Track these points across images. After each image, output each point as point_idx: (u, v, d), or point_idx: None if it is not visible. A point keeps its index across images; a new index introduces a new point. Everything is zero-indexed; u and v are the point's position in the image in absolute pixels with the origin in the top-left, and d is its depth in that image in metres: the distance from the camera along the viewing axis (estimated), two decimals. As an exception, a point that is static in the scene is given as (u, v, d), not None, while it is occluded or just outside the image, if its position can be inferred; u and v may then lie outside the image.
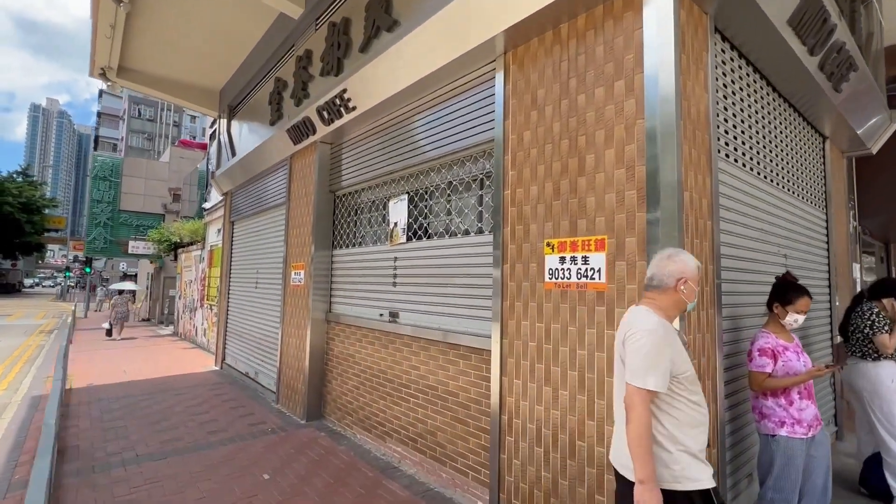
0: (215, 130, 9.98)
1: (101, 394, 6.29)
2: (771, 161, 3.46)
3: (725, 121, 2.82)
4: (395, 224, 4.23)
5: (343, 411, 4.77)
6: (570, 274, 2.62)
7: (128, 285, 14.94)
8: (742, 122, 3.03)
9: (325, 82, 4.77)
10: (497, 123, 3.15)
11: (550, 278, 2.72)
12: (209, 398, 6.07)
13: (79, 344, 11.68)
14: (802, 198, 4.05)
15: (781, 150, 3.65)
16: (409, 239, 4.08)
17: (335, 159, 5.25)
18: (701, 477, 1.61)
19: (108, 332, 13.01)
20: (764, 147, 3.34)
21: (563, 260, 2.66)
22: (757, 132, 3.24)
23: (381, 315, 4.34)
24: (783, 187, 3.66)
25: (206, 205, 12.09)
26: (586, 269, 2.54)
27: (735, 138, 2.93)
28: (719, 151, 2.72)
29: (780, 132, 3.64)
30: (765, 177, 3.34)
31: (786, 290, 2.52)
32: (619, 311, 2.37)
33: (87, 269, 21.86)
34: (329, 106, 4.67)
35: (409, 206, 4.11)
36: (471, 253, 3.44)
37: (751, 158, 3.13)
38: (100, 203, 17.49)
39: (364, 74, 4.08)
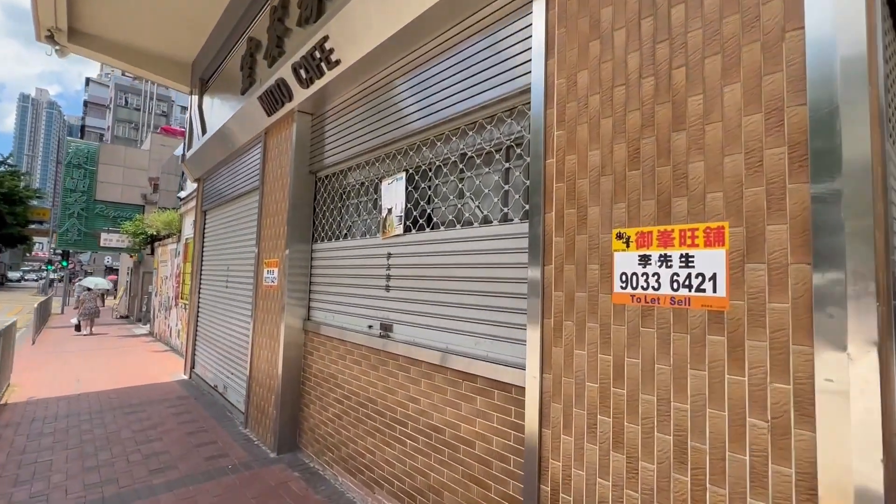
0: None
1: (39, 411, 5.31)
2: (898, 129, 2.55)
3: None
4: (389, 211, 3.29)
5: (322, 444, 3.83)
6: (658, 281, 1.69)
7: (99, 282, 13.92)
8: (886, 61, 2.12)
9: (303, 34, 3.81)
10: (535, 65, 2.22)
11: (624, 287, 1.79)
12: (166, 418, 5.11)
13: (43, 343, 10.65)
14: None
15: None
16: (407, 229, 3.14)
17: (317, 133, 4.30)
18: None
19: (77, 328, 12.38)
20: (896, 108, 2.43)
21: (645, 260, 1.74)
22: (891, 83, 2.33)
23: (370, 327, 3.40)
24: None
25: (182, 194, 11.08)
26: (689, 276, 1.62)
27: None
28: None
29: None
30: (896, 148, 2.43)
31: None
32: (755, 344, 1.45)
33: (64, 263, 20.72)
34: (307, 61, 3.71)
35: (407, 188, 3.17)
36: (493, 248, 2.51)
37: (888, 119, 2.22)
38: (73, 192, 16.28)
39: (349, 15, 3.13)
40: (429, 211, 3.02)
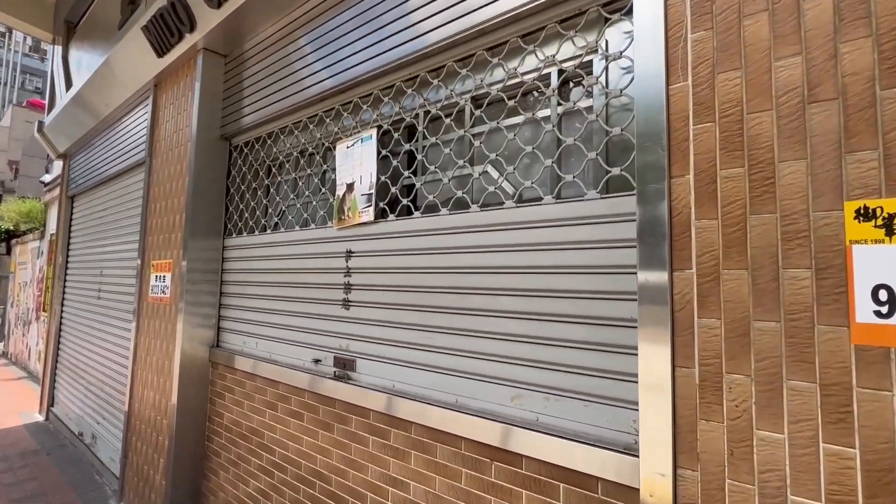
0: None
1: None
2: None
3: None
4: (350, 187, 2.19)
5: (239, 532, 2.61)
6: None
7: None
8: None
9: (213, -74, 2.59)
10: (639, -74, 1.29)
11: (886, 314, 0.91)
12: (-6, 493, 3.50)
13: None
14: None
15: None
16: (380, 214, 2.07)
17: (232, 81, 3.05)
18: None
19: None
20: None
21: (945, 260, 0.87)
22: None
23: (318, 362, 2.27)
24: None
25: (46, 178, 8.82)
26: None
27: None
28: None
29: None
30: None
31: None
32: None
33: None
34: (218, -37, 2.50)
35: (380, 152, 2.09)
36: (547, 242, 1.52)
37: None
38: None
39: None
40: (419, 186, 1.97)
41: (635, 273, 1.26)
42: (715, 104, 1.15)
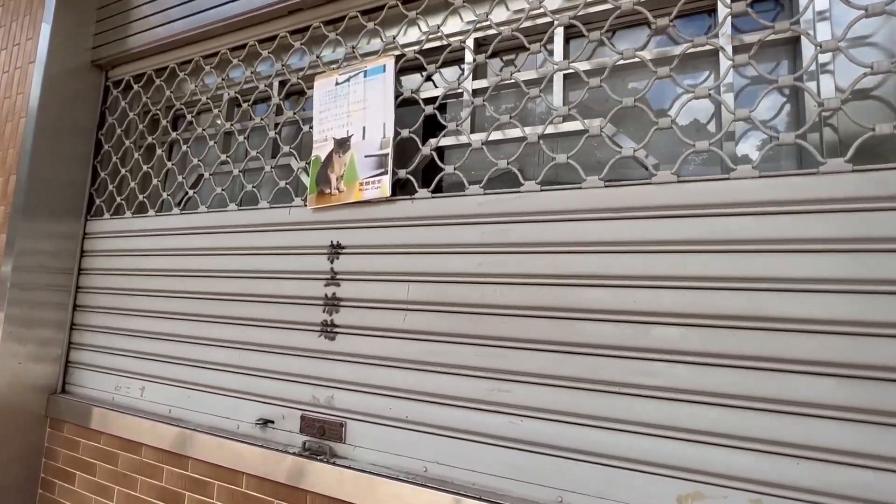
0: None
1: None
2: None
3: None
4: (342, 144, 1.39)
5: None
6: None
7: None
8: None
9: None
10: None
11: None
12: None
13: None
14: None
15: None
16: (396, 190, 1.30)
17: (118, -17, 2.00)
18: None
19: None
20: None
21: None
22: None
23: (268, 425, 1.39)
24: None
25: None
26: None
27: None
28: None
29: None
30: None
31: None
32: None
33: None
34: None
35: (398, 93, 1.34)
36: (738, 239, 0.93)
37: None
38: None
39: None
40: (477, 146, 1.25)
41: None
42: None
